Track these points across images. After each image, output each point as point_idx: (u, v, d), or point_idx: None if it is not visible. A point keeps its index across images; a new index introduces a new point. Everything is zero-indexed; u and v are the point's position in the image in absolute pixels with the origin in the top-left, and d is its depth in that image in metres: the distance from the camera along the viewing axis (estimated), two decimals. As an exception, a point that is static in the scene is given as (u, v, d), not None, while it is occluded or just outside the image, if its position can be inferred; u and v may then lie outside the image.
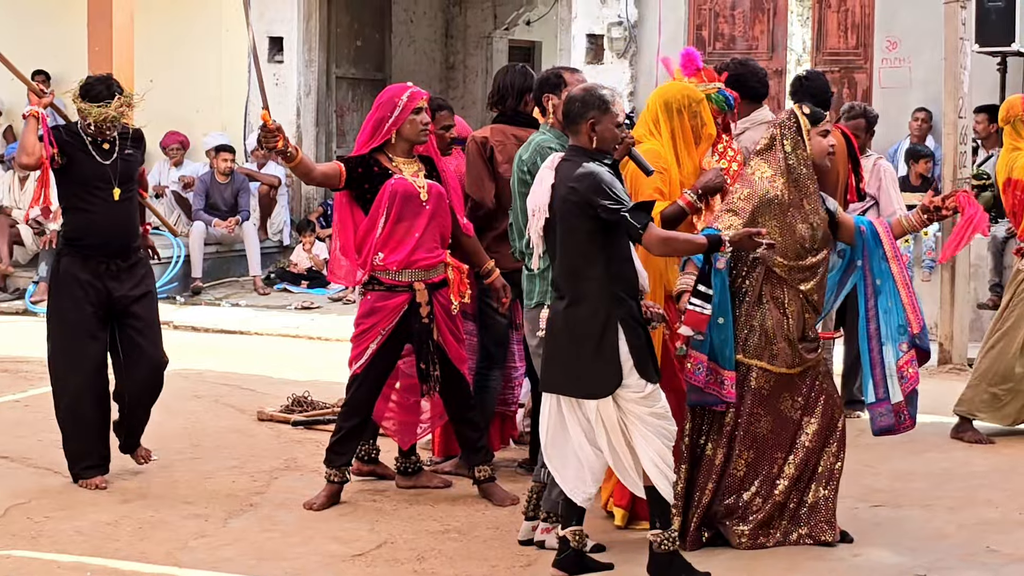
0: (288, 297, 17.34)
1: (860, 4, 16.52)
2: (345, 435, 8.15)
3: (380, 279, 8.02)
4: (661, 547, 6.79)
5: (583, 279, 6.71)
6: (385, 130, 8.03)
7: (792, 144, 7.34)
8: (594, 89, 6.90)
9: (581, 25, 17.69)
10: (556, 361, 6.84)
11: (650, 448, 6.73)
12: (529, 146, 7.44)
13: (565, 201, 6.70)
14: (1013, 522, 7.94)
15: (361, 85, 20.38)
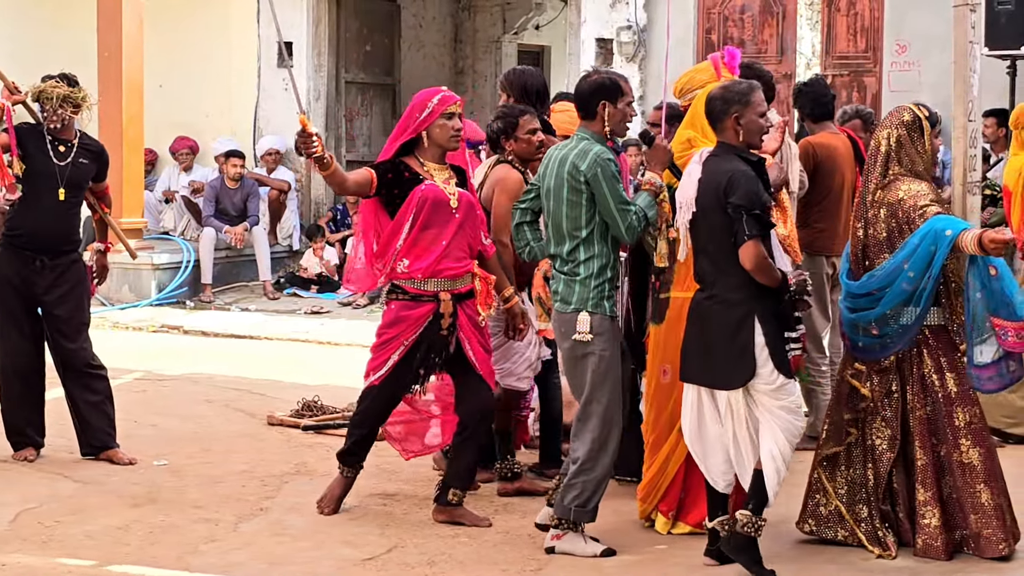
0: (298, 302, 17.35)
1: (869, 8, 16.50)
2: (356, 442, 8.05)
3: (404, 288, 7.75)
4: (744, 528, 6.94)
5: (724, 273, 6.92)
6: (412, 128, 7.75)
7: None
8: (732, 85, 7.17)
9: (590, 29, 17.68)
10: (694, 352, 7.06)
11: (772, 441, 6.92)
12: (586, 156, 7.21)
13: (709, 196, 6.92)
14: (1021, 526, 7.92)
15: (370, 90, 20.39)
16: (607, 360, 7.22)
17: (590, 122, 7.40)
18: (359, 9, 19.95)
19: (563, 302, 7.28)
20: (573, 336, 7.20)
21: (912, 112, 7.51)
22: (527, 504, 8.27)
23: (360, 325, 15.55)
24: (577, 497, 7.27)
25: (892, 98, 16.11)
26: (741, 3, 17.08)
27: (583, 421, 7.29)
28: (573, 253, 7.23)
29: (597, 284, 7.20)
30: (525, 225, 7.72)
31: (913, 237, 7.15)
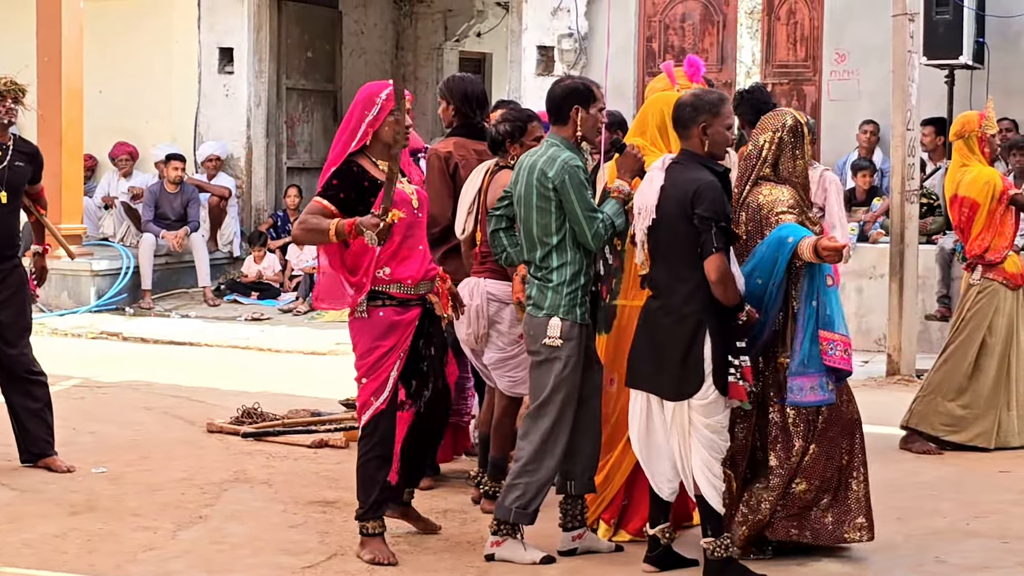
0: (238, 308, 17.30)
1: (809, 17, 16.59)
2: (383, 487, 7.35)
3: (390, 293, 7.27)
4: (714, 554, 6.93)
5: (682, 283, 6.89)
6: (363, 131, 7.30)
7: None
8: (703, 94, 7.10)
9: (532, 37, 17.70)
10: (644, 359, 7.03)
11: (697, 457, 6.91)
12: (554, 163, 7.17)
13: (672, 204, 6.87)
14: (961, 532, 7.98)
15: (311, 96, 20.37)
16: (572, 366, 7.22)
17: (561, 127, 7.37)
18: (300, 15, 19.92)
19: (536, 307, 7.26)
20: (543, 340, 7.20)
21: (794, 117, 7.49)
22: (468, 511, 8.27)
23: (301, 332, 15.54)
24: (519, 498, 7.25)
25: (832, 107, 16.25)
26: (682, 11, 17.15)
27: (534, 421, 7.27)
28: (545, 260, 7.23)
29: (570, 291, 7.19)
30: (501, 232, 7.71)
31: (761, 245, 7.13)
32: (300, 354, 14.58)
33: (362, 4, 21.90)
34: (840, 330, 7.13)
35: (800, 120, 7.50)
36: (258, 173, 19.43)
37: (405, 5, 22.98)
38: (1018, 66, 15.17)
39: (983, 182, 9.88)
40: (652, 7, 17.18)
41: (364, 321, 7.27)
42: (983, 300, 9.94)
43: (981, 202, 9.88)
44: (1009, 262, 9.96)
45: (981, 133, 9.97)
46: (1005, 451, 9.90)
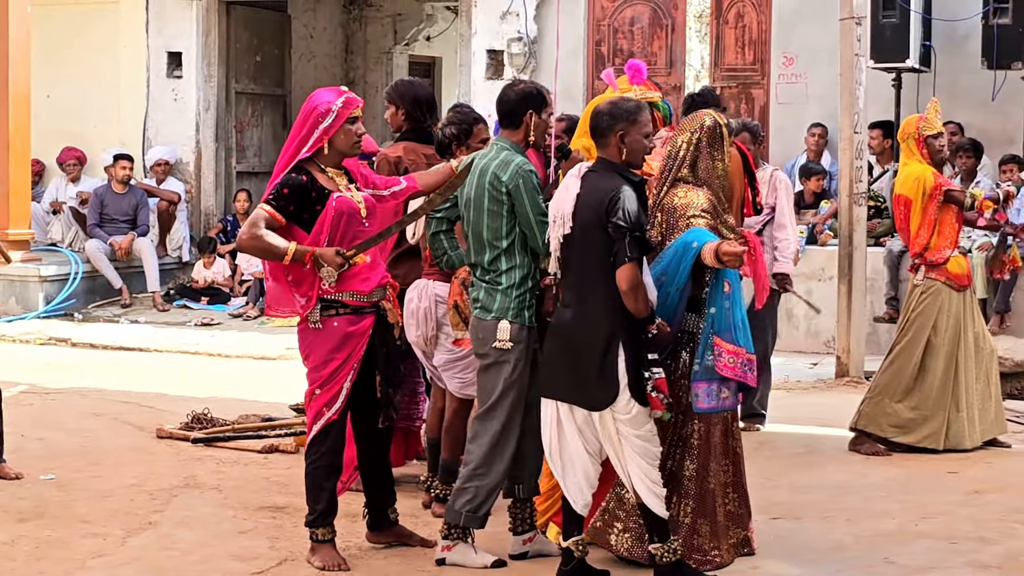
0: (188, 314, 17.25)
1: (757, 21, 16.66)
2: (331, 495, 7.31)
3: (343, 301, 7.16)
4: (663, 559, 6.92)
5: (595, 292, 6.81)
6: (317, 137, 7.18)
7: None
8: (620, 102, 7.03)
9: (481, 41, 17.71)
10: (558, 369, 6.94)
11: (635, 467, 6.87)
12: (507, 167, 7.17)
13: (588, 212, 6.80)
14: (910, 533, 8.03)
15: (261, 100, 20.32)
16: (520, 369, 7.22)
17: (512, 132, 7.37)
18: (249, 19, 19.87)
19: (483, 310, 7.25)
20: (493, 343, 7.19)
21: (713, 119, 7.50)
22: (418, 515, 8.26)
23: (251, 337, 15.50)
24: (469, 502, 7.25)
25: (780, 110, 16.31)
26: (631, 15, 17.19)
27: (483, 424, 7.27)
28: (494, 263, 7.22)
29: (518, 294, 7.19)
30: (442, 234, 7.70)
31: (668, 249, 7.14)
32: (250, 359, 14.54)
33: (311, 8, 21.87)
34: (729, 337, 7.09)
35: (720, 122, 7.50)
36: (207, 178, 19.39)
37: (355, 9, 22.95)
38: (964, 69, 15.26)
39: (913, 179, 9.96)
40: (601, 11, 17.22)
41: (318, 332, 7.17)
42: (927, 300, 10.00)
43: (913, 198, 9.94)
44: (953, 263, 10.01)
45: (919, 135, 10.04)
46: (953, 453, 9.96)
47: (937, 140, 10.08)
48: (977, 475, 9.47)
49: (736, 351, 7.10)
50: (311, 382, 7.24)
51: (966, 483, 9.25)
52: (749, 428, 10.61)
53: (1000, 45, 14.46)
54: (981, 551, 7.70)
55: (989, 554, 7.63)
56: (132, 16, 19.08)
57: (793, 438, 10.59)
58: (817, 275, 14.24)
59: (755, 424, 10.69)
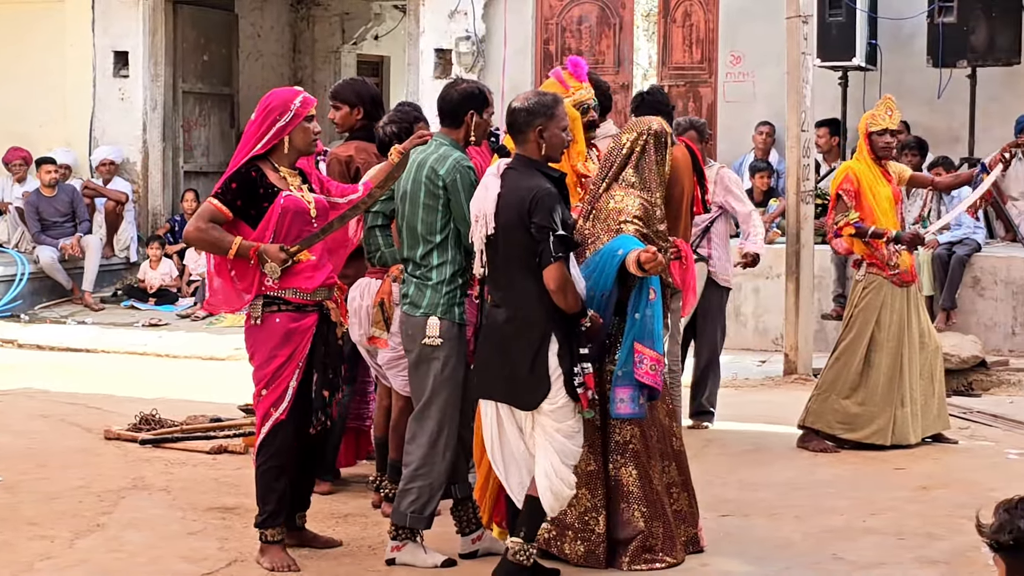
0: (135, 314, 17.18)
1: (704, 19, 16.72)
2: (281, 495, 7.23)
3: (285, 298, 7.07)
4: (517, 556, 6.82)
5: (525, 291, 6.76)
6: (274, 134, 7.11)
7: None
8: (538, 97, 6.97)
9: (429, 40, 17.71)
10: (491, 368, 6.90)
11: (545, 460, 6.79)
12: (445, 162, 7.18)
13: (510, 212, 6.74)
14: (858, 530, 8.06)
15: (208, 100, 20.26)
16: (451, 366, 7.20)
17: (452, 130, 7.37)
18: (196, 19, 19.81)
19: (413, 305, 7.23)
20: (422, 340, 7.17)
21: (660, 124, 7.51)
22: (368, 515, 8.25)
23: (199, 337, 15.45)
24: (414, 503, 7.23)
25: (727, 108, 16.38)
26: (579, 14, 17.22)
27: (419, 423, 7.26)
28: (426, 257, 7.20)
29: (449, 290, 7.17)
30: (377, 229, 7.69)
31: (595, 255, 7.11)
32: (198, 359, 14.50)
33: (259, 7, 21.82)
34: (651, 344, 7.02)
35: (667, 130, 7.52)
36: (155, 177, 19.31)
37: (302, 8, 22.91)
38: (910, 68, 15.36)
39: (838, 173, 10.07)
40: (549, 10, 17.24)
41: (260, 329, 7.11)
42: (869, 296, 10.04)
43: (832, 195, 10.08)
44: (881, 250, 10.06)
45: (865, 130, 10.10)
46: (900, 449, 10.01)
47: (881, 137, 10.09)
48: (924, 471, 9.52)
49: (657, 358, 7.03)
50: (257, 382, 7.17)
51: (913, 479, 9.30)
52: (697, 426, 10.65)
53: (945, 44, 14.57)
54: (929, 547, 7.74)
55: (937, 550, 7.67)
56: (78, 15, 18.99)
57: (741, 436, 10.62)
58: (765, 273, 14.29)
59: (703, 422, 10.73)
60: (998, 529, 3.81)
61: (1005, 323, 14.00)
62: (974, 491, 8.77)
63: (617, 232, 7.15)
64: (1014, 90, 15.23)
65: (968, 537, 7.86)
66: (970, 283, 14.05)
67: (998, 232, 15.16)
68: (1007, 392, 12.66)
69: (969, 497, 8.57)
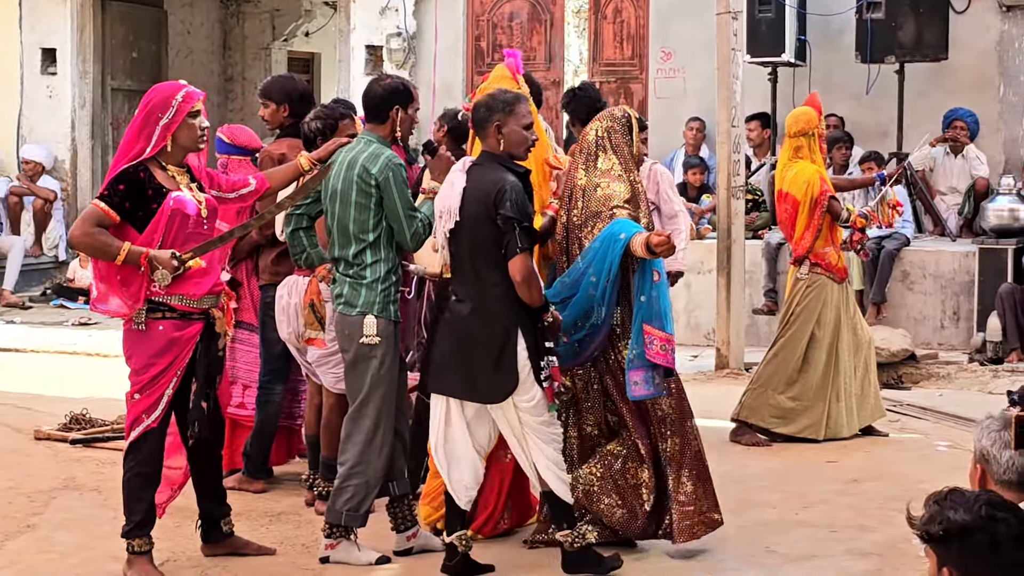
0: (65, 313, 17.07)
1: (635, 16, 16.76)
2: (149, 505, 7.03)
3: (171, 305, 6.85)
4: (573, 545, 6.97)
5: (488, 285, 6.84)
6: (159, 136, 6.85)
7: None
8: (498, 93, 7.08)
9: (360, 36, 17.68)
10: (450, 365, 6.96)
11: (543, 455, 6.94)
12: (377, 160, 7.15)
13: (476, 206, 6.82)
14: (790, 522, 8.11)
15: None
16: (388, 363, 7.19)
17: (378, 126, 7.36)
18: (125, 15, 19.69)
19: (348, 305, 7.21)
20: (360, 339, 7.16)
21: (624, 111, 7.61)
22: (301, 513, 8.23)
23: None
24: (349, 501, 7.22)
25: (658, 105, 16.43)
26: (510, 10, 17.23)
27: (355, 422, 7.24)
28: (359, 256, 7.18)
29: (383, 288, 7.17)
30: (301, 231, 7.65)
31: (595, 242, 7.18)
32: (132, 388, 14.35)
33: (188, 3, 21.71)
34: (659, 325, 7.13)
35: (631, 115, 7.60)
36: (84, 175, 19.19)
37: (232, 4, 22.81)
38: (839, 63, 15.46)
39: (803, 181, 10.04)
40: (480, 6, 17.24)
41: (141, 334, 6.86)
42: (812, 294, 10.09)
43: (800, 200, 10.04)
44: (832, 254, 10.12)
45: (820, 131, 10.17)
46: (833, 442, 10.07)
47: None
48: (856, 464, 9.59)
49: (666, 338, 7.15)
50: (132, 385, 6.94)
51: (845, 472, 9.37)
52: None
53: (873, 39, 14.66)
54: (861, 539, 7.80)
55: (869, 542, 7.74)
56: (4, 12, 18.83)
57: (674, 430, 10.64)
58: (696, 268, 14.33)
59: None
60: (928, 521, 3.83)
61: (934, 317, 14.11)
62: (905, 483, 8.84)
63: (611, 218, 7.21)
64: (941, 85, 15.34)
65: (899, 529, 7.91)
66: (899, 277, 14.15)
67: (927, 226, 15.27)
68: (936, 385, 12.75)
69: (900, 489, 8.64)
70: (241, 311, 8.82)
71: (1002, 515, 3.80)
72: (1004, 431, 4.41)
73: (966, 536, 3.77)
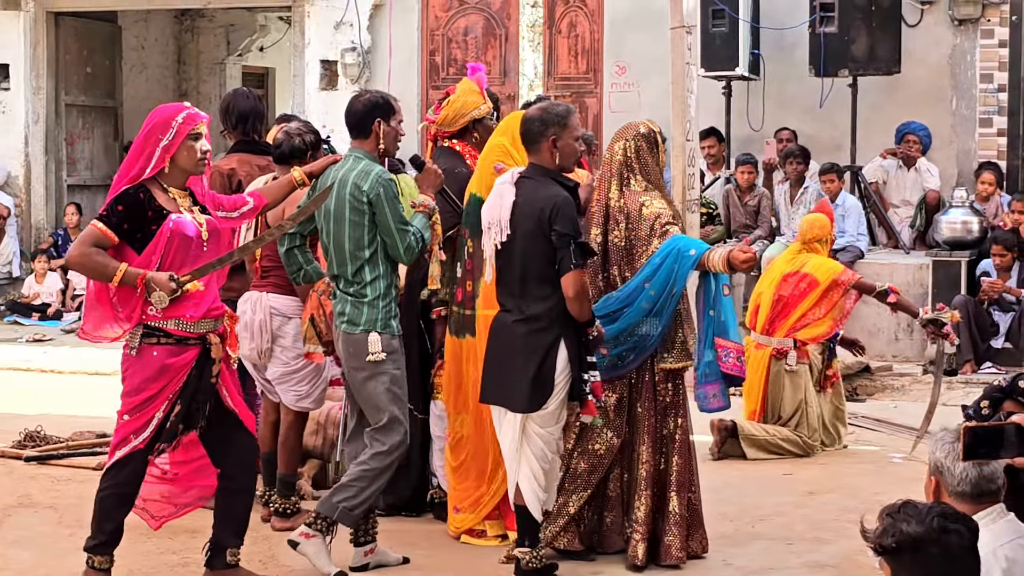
0: (19, 330, 16.98)
1: (590, 30, 16.80)
2: (118, 526, 6.87)
3: (166, 330, 6.69)
4: (529, 564, 7.01)
5: (540, 298, 6.91)
6: (159, 157, 6.71)
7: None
8: (550, 107, 7.17)
9: (315, 51, 17.67)
10: (495, 374, 7.05)
11: (527, 467, 7.00)
12: (368, 177, 7.17)
13: (528, 220, 6.90)
14: (747, 535, 8.13)
15: (92, 112, 20.07)
16: (398, 377, 7.26)
17: (363, 141, 7.39)
18: (79, 31, 19.62)
19: (351, 323, 7.23)
20: (367, 357, 7.18)
21: (647, 126, 7.67)
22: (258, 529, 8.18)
23: (85, 352, 15.26)
24: (349, 499, 7.19)
25: (613, 119, 16.44)
26: (464, 25, 17.24)
27: (385, 433, 7.24)
28: (358, 274, 7.22)
29: (384, 304, 7.21)
30: (296, 249, 7.62)
31: (655, 257, 7.24)
32: (84, 375, 14.32)
33: (143, 19, 21.64)
34: (734, 337, 7.34)
35: (654, 129, 7.67)
36: (37, 191, 19.10)
37: (186, 20, 22.75)
38: (793, 77, 15.53)
39: (827, 268, 10.21)
40: (435, 21, 17.26)
41: (135, 359, 6.73)
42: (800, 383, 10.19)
43: (821, 281, 10.09)
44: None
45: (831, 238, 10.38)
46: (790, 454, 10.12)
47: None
48: (811, 476, 9.62)
49: (740, 348, 7.37)
50: (122, 405, 6.81)
51: (800, 484, 9.40)
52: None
53: (827, 53, 14.73)
54: (817, 551, 7.83)
55: (825, 554, 7.77)
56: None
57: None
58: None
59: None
60: (882, 534, 3.86)
61: (888, 329, 14.18)
62: (860, 495, 8.89)
63: (664, 235, 7.28)
64: (894, 99, 15.43)
65: (855, 541, 7.90)
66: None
67: (880, 239, 15.35)
68: (891, 397, 12.81)
69: (855, 501, 8.68)
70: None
71: (954, 527, 3.83)
72: (958, 443, 4.45)
73: (919, 548, 3.80)
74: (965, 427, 4.35)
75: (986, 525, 4.32)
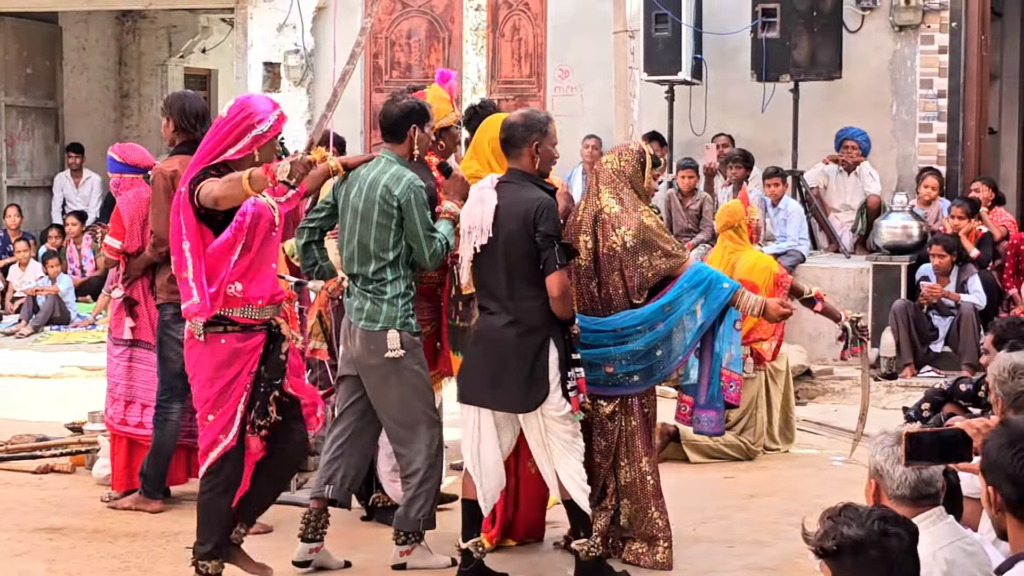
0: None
1: (533, 33, 16.82)
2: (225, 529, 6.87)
3: (232, 318, 6.67)
4: (589, 554, 7.13)
5: (523, 299, 7.01)
6: (247, 143, 6.63)
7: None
8: (532, 114, 7.36)
9: (258, 53, 17.60)
10: (482, 375, 7.13)
11: (568, 465, 7.11)
12: (400, 181, 7.23)
13: (512, 222, 7.01)
14: (688, 538, 8.15)
15: (32, 113, 19.96)
16: (419, 373, 7.34)
17: (396, 145, 7.46)
18: (18, 31, 19.50)
19: (370, 320, 7.29)
20: (385, 354, 7.24)
21: (639, 146, 7.80)
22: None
23: (24, 355, 15.18)
24: (422, 508, 7.34)
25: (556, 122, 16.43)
26: (408, 28, 17.22)
27: (412, 431, 7.34)
28: (379, 273, 7.30)
29: (404, 303, 7.29)
30: (313, 244, 7.65)
31: (683, 280, 7.38)
32: (24, 378, 14.23)
33: (83, 19, 21.52)
34: (738, 369, 7.58)
35: (646, 149, 7.76)
36: (-22, 192, 18.99)
37: (128, 21, 22.64)
38: (735, 82, 15.59)
39: (762, 267, 10.14)
40: (378, 24, 17.22)
41: (203, 346, 6.69)
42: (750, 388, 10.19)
43: (760, 285, 10.07)
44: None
45: (748, 220, 10.31)
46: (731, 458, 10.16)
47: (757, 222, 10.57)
48: (751, 480, 9.67)
49: (740, 379, 7.68)
50: (201, 404, 6.77)
51: (741, 488, 9.44)
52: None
53: (768, 58, 14.78)
54: (758, 553, 7.87)
55: (766, 556, 7.81)
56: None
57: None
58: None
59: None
60: (823, 536, 3.88)
61: (829, 333, 14.20)
62: (801, 498, 8.93)
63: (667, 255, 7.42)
64: (835, 104, 15.51)
65: (795, 544, 7.96)
66: (795, 293, 14.26)
67: (821, 243, 15.43)
68: (832, 400, 12.88)
69: (796, 504, 8.73)
70: (138, 330, 8.81)
71: (894, 530, 3.86)
72: (897, 446, 4.48)
73: (859, 551, 3.83)
74: (907, 433, 4.38)
75: (926, 528, 4.35)
